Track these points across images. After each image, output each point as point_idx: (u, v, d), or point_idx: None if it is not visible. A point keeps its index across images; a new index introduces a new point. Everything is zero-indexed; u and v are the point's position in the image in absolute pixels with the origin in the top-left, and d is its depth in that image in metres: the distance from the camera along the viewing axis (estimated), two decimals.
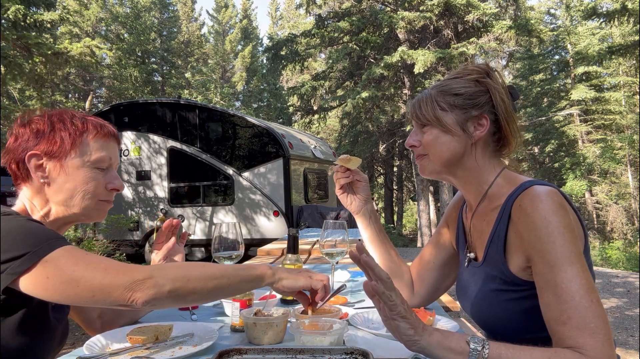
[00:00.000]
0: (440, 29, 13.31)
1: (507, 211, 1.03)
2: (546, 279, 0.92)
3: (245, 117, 9.51)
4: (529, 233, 0.96)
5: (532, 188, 1.00)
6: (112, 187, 1.14)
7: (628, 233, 19.16)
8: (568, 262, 0.91)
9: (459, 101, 1.10)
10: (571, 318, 0.87)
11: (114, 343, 1.14)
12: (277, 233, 8.44)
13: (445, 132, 1.11)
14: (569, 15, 22.84)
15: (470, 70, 1.14)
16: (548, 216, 0.94)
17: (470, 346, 0.85)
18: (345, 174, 1.38)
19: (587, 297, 0.88)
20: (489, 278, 1.08)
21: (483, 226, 1.13)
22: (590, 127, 21.61)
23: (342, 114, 19.33)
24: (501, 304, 1.05)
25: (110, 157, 1.14)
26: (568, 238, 0.92)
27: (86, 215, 1.12)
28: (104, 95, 23.77)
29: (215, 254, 1.49)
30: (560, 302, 0.89)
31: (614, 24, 13.41)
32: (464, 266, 1.20)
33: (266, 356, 0.95)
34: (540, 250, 0.94)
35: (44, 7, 10.16)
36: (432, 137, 1.12)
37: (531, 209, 0.96)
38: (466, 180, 1.15)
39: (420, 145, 1.16)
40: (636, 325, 5.14)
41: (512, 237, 1.02)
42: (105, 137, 1.14)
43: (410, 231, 24.03)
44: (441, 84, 1.15)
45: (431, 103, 1.13)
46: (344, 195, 1.40)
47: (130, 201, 9.61)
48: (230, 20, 34.04)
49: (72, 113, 1.13)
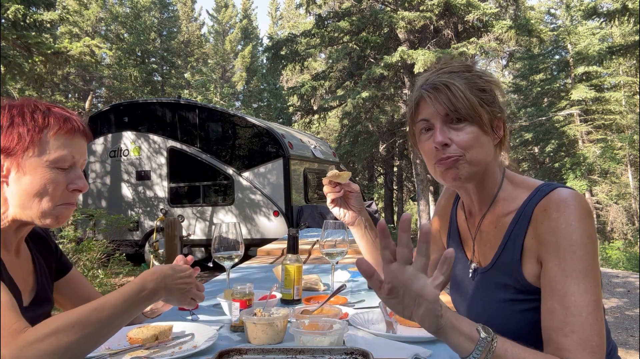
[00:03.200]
0: (440, 29, 13.30)
1: (527, 215, 0.98)
2: (556, 286, 0.89)
3: (245, 117, 9.51)
4: (550, 237, 0.92)
5: (557, 192, 0.95)
6: (73, 188, 1.04)
7: (628, 233, 19.16)
8: (584, 275, 0.87)
9: (488, 98, 1.02)
10: (575, 332, 0.85)
11: (113, 343, 1.14)
12: (277, 233, 8.44)
13: (483, 130, 0.99)
14: (569, 15, 22.82)
15: (465, 65, 1.05)
16: (574, 223, 0.90)
17: (480, 335, 0.81)
18: (336, 189, 1.33)
19: (594, 315, 0.86)
20: (500, 287, 1.03)
21: (492, 232, 1.07)
22: (591, 127, 21.59)
23: (342, 114, 19.34)
24: (516, 316, 1.00)
25: (73, 155, 1.04)
26: (589, 249, 0.89)
27: (43, 221, 1.02)
28: (104, 95, 23.75)
29: (215, 254, 1.49)
30: (566, 314, 0.87)
31: (614, 24, 13.40)
32: (466, 271, 1.16)
33: (266, 356, 0.95)
34: (557, 256, 0.90)
35: (44, 7, 10.16)
36: (473, 135, 0.99)
37: (557, 214, 0.92)
38: (482, 184, 1.07)
39: (452, 144, 1.00)
40: (636, 325, 5.13)
41: (529, 243, 0.97)
42: (69, 133, 1.03)
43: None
44: (463, 76, 1.01)
45: (469, 95, 0.99)
46: (336, 208, 1.36)
47: (130, 201, 9.61)
48: (230, 20, 34.03)
49: (34, 106, 1.02)
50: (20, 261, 1.11)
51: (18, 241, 1.10)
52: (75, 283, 1.30)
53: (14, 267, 1.06)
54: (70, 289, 1.28)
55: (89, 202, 9.87)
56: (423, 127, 1.04)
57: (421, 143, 1.07)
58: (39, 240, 1.23)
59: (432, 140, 1.01)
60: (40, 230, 1.25)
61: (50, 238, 1.27)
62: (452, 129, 1.00)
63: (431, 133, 1.03)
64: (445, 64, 1.05)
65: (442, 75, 1.02)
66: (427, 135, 1.04)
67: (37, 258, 1.17)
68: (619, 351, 1.15)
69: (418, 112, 1.05)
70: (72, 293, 1.28)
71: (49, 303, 1.17)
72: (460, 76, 1.01)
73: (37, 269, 1.15)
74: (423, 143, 1.06)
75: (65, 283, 1.27)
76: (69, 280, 1.29)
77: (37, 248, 1.20)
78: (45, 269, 1.19)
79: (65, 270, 1.28)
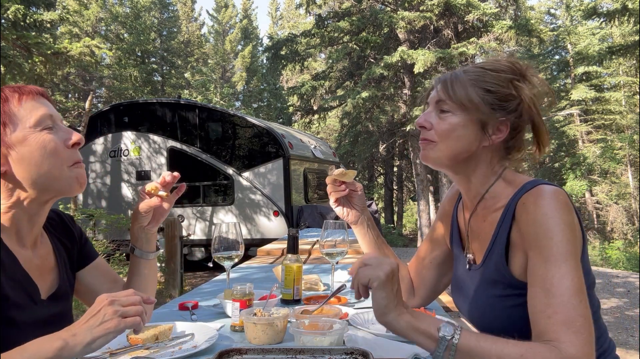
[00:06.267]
0: (440, 29, 13.30)
1: (511, 211, 1.00)
2: (538, 273, 0.91)
3: (245, 117, 9.52)
4: (529, 229, 0.94)
5: (538, 187, 0.98)
6: (72, 142, 1.01)
7: (628, 233, 19.14)
8: (563, 259, 0.89)
9: (489, 98, 1.03)
10: (557, 312, 0.86)
11: (113, 343, 1.13)
12: (277, 233, 8.44)
13: (464, 125, 1.03)
14: (569, 15, 22.82)
15: (506, 66, 1.05)
16: (549, 213, 0.92)
17: (439, 333, 0.85)
18: (341, 188, 1.31)
19: (576, 297, 0.87)
20: (490, 283, 1.05)
21: (483, 228, 1.10)
22: (591, 127, 21.59)
23: (342, 114, 19.34)
24: (506, 311, 1.02)
25: (50, 113, 1.00)
26: (567, 235, 0.90)
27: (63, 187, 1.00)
28: (104, 95, 23.75)
29: (215, 254, 1.49)
30: (548, 296, 0.88)
31: (614, 24, 13.40)
32: (465, 269, 1.17)
33: (266, 356, 0.95)
34: (537, 246, 0.92)
35: (44, 7, 10.16)
36: (449, 126, 1.04)
37: (534, 207, 0.94)
38: (467, 178, 1.10)
39: (431, 129, 1.07)
40: (636, 325, 5.13)
41: (514, 238, 1.00)
42: (30, 95, 1.00)
43: (410, 231, 24.01)
44: (474, 72, 1.05)
45: (464, 90, 1.03)
46: (339, 208, 1.36)
47: (130, 201, 9.61)
48: (230, 20, 34.01)
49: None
50: (39, 254, 1.08)
51: (34, 233, 1.07)
52: (98, 273, 1.25)
53: (29, 261, 1.04)
54: (92, 279, 1.23)
55: (89, 202, 9.87)
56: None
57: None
58: (61, 228, 1.20)
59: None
60: (64, 217, 1.22)
61: (74, 226, 1.23)
62: (438, 117, 1.07)
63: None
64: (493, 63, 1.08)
65: (466, 68, 1.08)
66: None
67: (58, 249, 1.14)
68: (619, 351, 1.14)
69: (429, 94, 1.13)
70: (94, 284, 1.23)
71: (69, 297, 1.15)
72: (476, 72, 1.05)
73: (59, 261, 1.13)
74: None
75: (88, 273, 1.23)
76: (93, 270, 1.24)
77: (58, 238, 1.17)
78: (66, 260, 1.16)
79: (88, 259, 1.24)
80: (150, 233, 1.24)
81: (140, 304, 0.90)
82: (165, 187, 1.22)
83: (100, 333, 0.85)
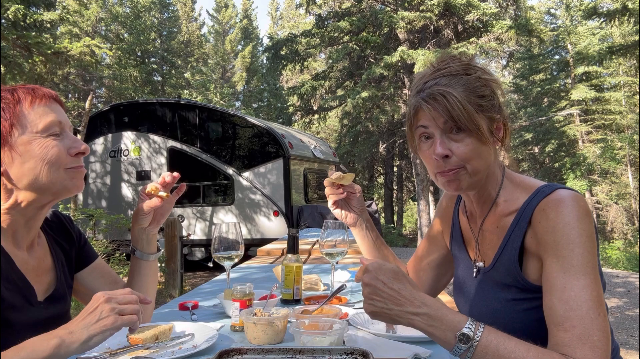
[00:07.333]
0: (440, 29, 13.30)
1: (527, 216, 0.98)
2: (556, 283, 0.89)
3: (245, 117, 9.52)
4: (548, 236, 0.92)
5: (556, 193, 0.95)
6: (76, 151, 1.02)
7: (628, 233, 19.14)
8: (583, 272, 0.88)
9: (487, 104, 1.00)
10: (575, 326, 0.85)
11: (113, 343, 1.14)
12: (277, 233, 8.44)
13: (482, 141, 0.99)
14: (569, 15, 22.82)
15: (467, 65, 1.02)
16: (572, 222, 0.90)
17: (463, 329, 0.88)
18: (339, 191, 1.31)
19: (595, 310, 0.85)
20: (502, 287, 1.04)
21: (494, 232, 1.08)
22: (591, 127, 21.58)
23: (342, 114, 19.33)
24: (519, 315, 1.00)
25: (59, 120, 1.01)
26: (588, 247, 0.89)
27: (59, 190, 1.01)
28: (104, 95, 23.75)
29: (215, 254, 1.49)
30: (566, 309, 0.87)
31: (614, 24, 13.40)
32: (469, 272, 1.16)
33: (266, 356, 0.95)
34: (556, 254, 0.90)
35: (44, 7, 10.15)
36: (471, 147, 0.98)
37: (554, 214, 0.92)
38: (485, 187, 1.07)
39: (452, 156, 0.99)
40: (636, 325, 5.14)
41: (529, 242, 0.98)
42: (43, 99, 1.01)
43: (410, 231, 24.01)
44: (455, 81, 0.99)
45: (467, 106, 0.96)
46: (337, 210, 1.35)
47: (130, 201, 9.61)
48: (230, 20, 34.02)
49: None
50: (35, 256, 1.09)
51: (31, 235, 1.07)
52: (98, 274, 1.25)
53: (26, 263, 1.04)
54: (92, 280, 1.23)
55: (89, 202, 9.87)
56: (422, 133, 1.03)
57: (421, 150, 1.06)
58: (59, 230, 1.20)
59: (432, 150, 1.00)
60: (63, 219, 1.22)
61: (73, 228, 1.23)
62: (452, 140, 0.99)
63: (431, 142, 1.02)
64: (443, 64, 1.03)
65: (441, 80, 0.99)
66: (427, 144, 1.03)
67: (55, 251, 1.14)
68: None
69: (417, 118, 1.03)
70: (94, 285, 1.23)
71: (67, 299, 1.14)
72: (459, 81, 0.99)
73: (56, 263, 1.13)
74: (423, 151, 1.05)
75: (87, 274, 1.23)
76: (92, 271, 1.24)
77: (56, 240, 1.17)
78: (64, 262, 1.16)
79: (88, 261, 1.24)
80: (151, 234, 1.25)
81: (136, 303, 0.90)
82: (165, 188, 1.22)
83: (97, 330, 0.86)
